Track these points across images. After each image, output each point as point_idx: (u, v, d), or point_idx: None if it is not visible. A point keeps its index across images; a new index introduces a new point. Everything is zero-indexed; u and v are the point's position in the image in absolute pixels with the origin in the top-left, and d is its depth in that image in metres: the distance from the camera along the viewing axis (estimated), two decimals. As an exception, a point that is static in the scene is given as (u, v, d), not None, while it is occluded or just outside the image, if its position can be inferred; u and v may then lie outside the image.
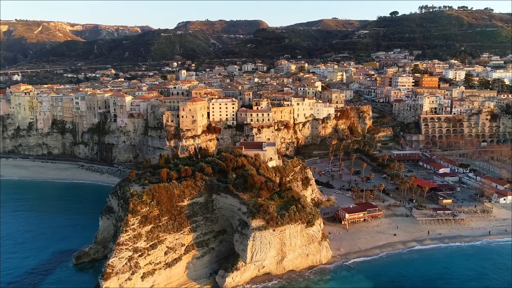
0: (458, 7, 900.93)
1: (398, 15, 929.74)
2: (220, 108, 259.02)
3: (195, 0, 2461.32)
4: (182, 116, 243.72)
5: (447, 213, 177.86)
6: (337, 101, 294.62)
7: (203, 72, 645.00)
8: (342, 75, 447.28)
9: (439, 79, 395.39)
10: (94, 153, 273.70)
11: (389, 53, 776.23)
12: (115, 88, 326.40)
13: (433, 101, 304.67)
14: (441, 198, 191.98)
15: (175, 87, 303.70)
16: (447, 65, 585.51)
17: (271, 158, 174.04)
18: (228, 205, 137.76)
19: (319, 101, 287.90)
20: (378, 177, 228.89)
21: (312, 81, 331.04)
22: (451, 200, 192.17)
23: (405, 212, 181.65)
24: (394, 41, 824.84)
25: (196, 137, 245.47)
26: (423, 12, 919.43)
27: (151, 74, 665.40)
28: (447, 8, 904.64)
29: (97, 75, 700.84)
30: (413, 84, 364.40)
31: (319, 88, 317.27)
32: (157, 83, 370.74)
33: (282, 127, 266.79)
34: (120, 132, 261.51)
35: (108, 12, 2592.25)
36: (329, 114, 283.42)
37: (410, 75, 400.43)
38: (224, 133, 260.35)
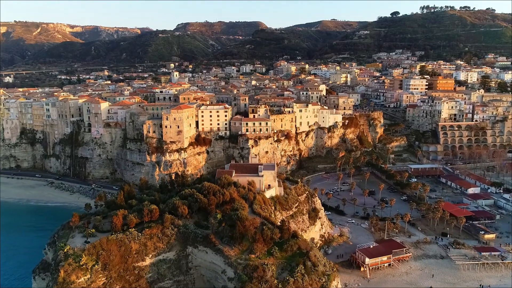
0: (460, 7, 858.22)
1: (399, 15, 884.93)
2: (210, 116, 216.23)
3: (195, 0, 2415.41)
4: (166, 126, 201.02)
5: (494, 255, 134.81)
6: (344, 107, 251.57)
7: (199, 73, 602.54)
8: (346, 77, 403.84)
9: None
10: (66, 168, 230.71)
11: (391, 54, 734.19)
12: (95, 92, 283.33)
13: (452, 107, 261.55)
14: (482, 233, 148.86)
15: (161, 91, 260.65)
16: (453, 66, 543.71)
17: (269, 185, 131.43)
18: (209, 263, 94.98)
19: (325, 107, 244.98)
20: (397, 200, 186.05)
21: (316, 84, 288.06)
22: (494, 234, 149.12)
23: (439, 252, 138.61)
24: (396, 42, 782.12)
25: (182, 151, 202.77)
26: (424, 12, 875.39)
27: (145, 75, 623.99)
28: (449, 8, 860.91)
29: (91, 77, 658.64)
30: (427, 87, 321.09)
31: (324, 92, 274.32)
32: (145, 86, 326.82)
33: (283, 138, 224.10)
34: (95, 144, 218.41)
35: (108, 14, 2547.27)
36: (336, 122, 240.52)
37: (420, 77, 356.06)
38: (215, 145, 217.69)
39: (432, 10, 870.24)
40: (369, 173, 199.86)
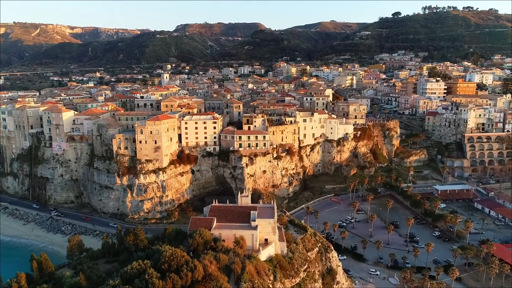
0: (464, 8, 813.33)
1: (401, 15, 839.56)
2: (196, 128, 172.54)
3: (195, 1, 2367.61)
4: (140, 141, 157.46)
5: None
6: (356, 116, 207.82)
7: (196, 75, 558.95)
8: (352, 79, 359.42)
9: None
10: (25, 189, 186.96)
11: (393, 55, 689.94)
12: (69, 98, 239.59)
13: (480, 115, 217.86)
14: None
15: (142, 97, 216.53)
16: (461, 67, 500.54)
17: (266, 240, 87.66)
18: None
19: (333, 115, 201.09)
20: (428, 235, 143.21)
21: (321, 88, 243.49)
22: None
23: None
24: (398, 43, 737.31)
25: (161, 171, 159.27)
26: (427, 12, 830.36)
27: (139, 77, 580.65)
28: (452, 9, 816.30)
29: (84, 79, 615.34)
30: (445, 91, 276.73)
31: (330, 98, 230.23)
32: (129, 89, 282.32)
33: (284, 154, 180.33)
34: (56, 161, 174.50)
35: (109, 15, 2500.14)
36: (346, 133, 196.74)
37: (436, 79, 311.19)
38: (202, 163, 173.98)
39: (435, 11, 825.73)
40: (392, 202, 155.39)
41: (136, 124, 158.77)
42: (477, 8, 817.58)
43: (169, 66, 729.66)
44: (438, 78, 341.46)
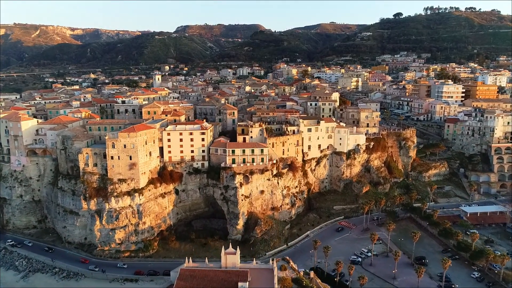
0: (466, 8, 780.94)
1: (402, 16, 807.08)
2: (181, 140, 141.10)
3: (195, 1, 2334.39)
4: (112, 157, 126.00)
5: None
6: (368, 124, 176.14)
7: (193, 76, 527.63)
8: (357, 81, 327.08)
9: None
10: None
11: (395, 56, 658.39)
12: (44, 102, 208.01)
13: (508, 122, 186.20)
14: None
15: (123, 102, 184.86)
16: (468, 69, 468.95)
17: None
18: None
19: (341, 124, 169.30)
20: (465, 276, 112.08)
21: (327, 91, 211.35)
22: None
23: None
24: (400, 44, 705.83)
25: (136, 193, 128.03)
26: (428, 13, 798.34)
27: (136, 78, 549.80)
28: (454, 9, 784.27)
29: (79, 80, 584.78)
30: (463, 95, 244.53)
31: (338, 103, 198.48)
32: (113, 92, 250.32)
33: (285, 170, 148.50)
34: (15, 179, 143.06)
35: (110, 17, 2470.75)
36: (358, 144, 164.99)
37: (452, 82, 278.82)
38: (188, 181, 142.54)
39: (437, 11, 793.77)
40: (418, 233, 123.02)
41: (106, 137, 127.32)
42: (480, 8, 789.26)
43: (167, 67, 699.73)
44: (449, 81, 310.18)
